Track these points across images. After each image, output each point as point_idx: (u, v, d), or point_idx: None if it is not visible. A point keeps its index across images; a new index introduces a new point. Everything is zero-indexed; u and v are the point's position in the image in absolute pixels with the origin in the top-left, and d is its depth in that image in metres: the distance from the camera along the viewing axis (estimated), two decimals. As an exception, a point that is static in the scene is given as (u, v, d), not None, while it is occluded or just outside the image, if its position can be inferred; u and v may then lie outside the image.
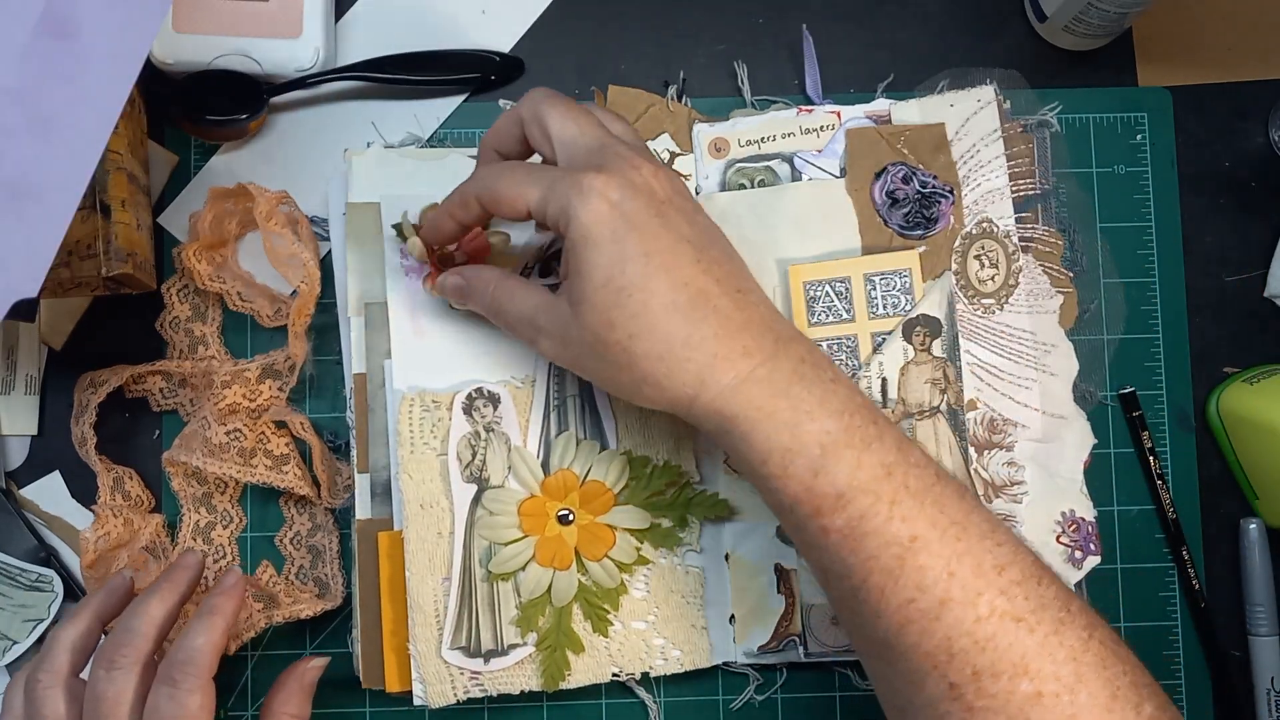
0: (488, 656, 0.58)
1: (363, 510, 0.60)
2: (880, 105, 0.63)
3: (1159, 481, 0.63)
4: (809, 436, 0.47)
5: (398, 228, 0.59)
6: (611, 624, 0.59)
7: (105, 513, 0.60)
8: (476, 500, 0.59)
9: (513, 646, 0.58)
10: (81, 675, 0.52)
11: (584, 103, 0.53)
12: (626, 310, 0.47)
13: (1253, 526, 0.63)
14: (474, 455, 0.59)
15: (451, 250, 0.58)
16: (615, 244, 0.47)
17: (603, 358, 0.49)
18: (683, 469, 0.60)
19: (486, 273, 0.55)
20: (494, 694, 0.58)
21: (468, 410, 0.59)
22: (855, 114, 0.63)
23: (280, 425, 0.62)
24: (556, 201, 0.48)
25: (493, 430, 0.59)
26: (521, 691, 0.58)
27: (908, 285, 0.61)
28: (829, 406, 0.47)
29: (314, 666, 0.55)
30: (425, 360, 0.60)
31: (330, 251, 0.62)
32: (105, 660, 0.50)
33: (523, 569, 0.58)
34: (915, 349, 0.61)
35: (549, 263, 0.61)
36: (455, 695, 0.58)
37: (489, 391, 0.59)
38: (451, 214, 0.54)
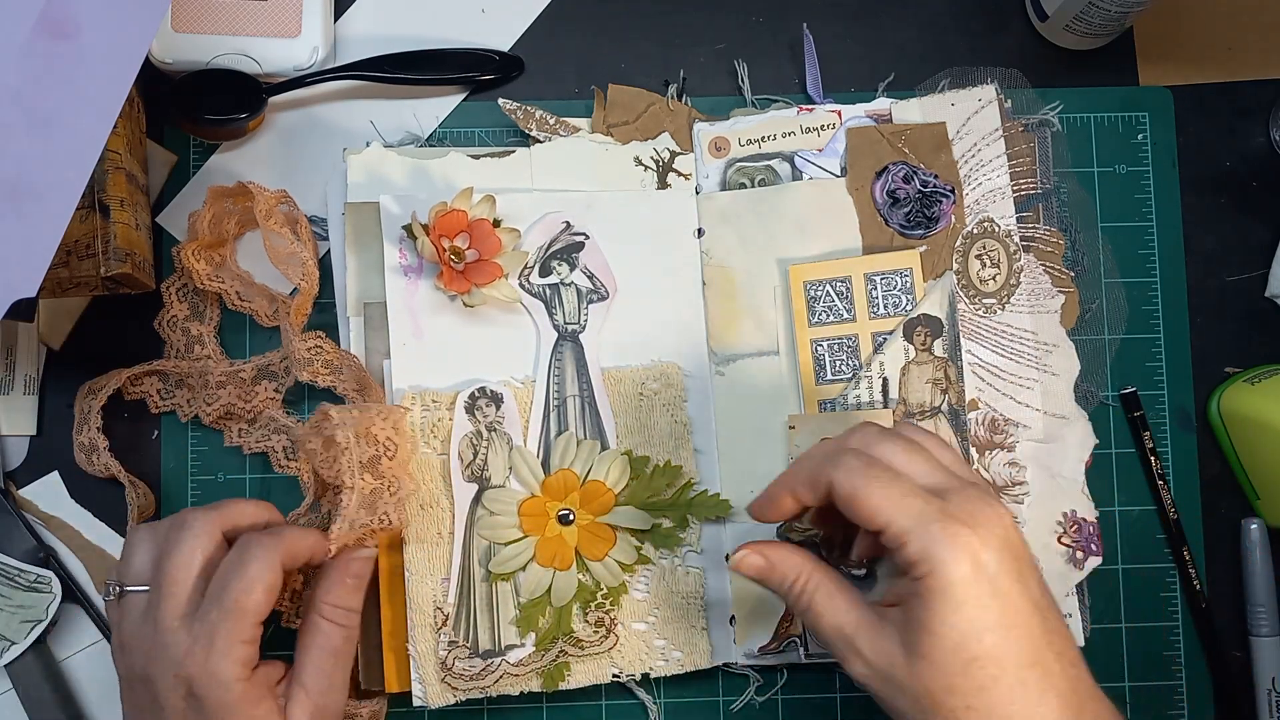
0: (486, 656, 0.58)
1: (362, 511, 0.59)
2: (881, 104, 0.63)
3: (1160, 482, 0.63)
4: None
5: (408, 229, 0.59)
6: (613, 624, 0.59)
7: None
8: (477, 500, 0.59)
9: (510, 647, 0.58)
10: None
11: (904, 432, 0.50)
12: (973, 681, 0.45)
13: (1254, 526, 0.63)
14: (475, 454, 0.59)
15: (464, 248, 0.58)
16: (978, 610, 0.45)
17: (927, 713, 0.46)
18: (683, 469, 0.60)
19: (796, 558, 0.50)
20: (494, 694, 0.58)
21: (470, 410, 0.59)
22: (856, 113, 0.63)
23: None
24: (921, 543, 0.45)
25: (495, 430, 0.59)
26: (521, 692, 0.58)
27: (909, 285, 0.61)
28: None
29: (360, 557, 0.54)
30: (424, 360, 0.60)
31: (329, 251, 0.62)
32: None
33: (523, 569, 0.58)
34: (916, 349, 0.61)
35: (548, 262, 0.61)
36: (454, 696, 0.58)
37: (492, 391, 0.59)
38: (794, 493, 0.50)
